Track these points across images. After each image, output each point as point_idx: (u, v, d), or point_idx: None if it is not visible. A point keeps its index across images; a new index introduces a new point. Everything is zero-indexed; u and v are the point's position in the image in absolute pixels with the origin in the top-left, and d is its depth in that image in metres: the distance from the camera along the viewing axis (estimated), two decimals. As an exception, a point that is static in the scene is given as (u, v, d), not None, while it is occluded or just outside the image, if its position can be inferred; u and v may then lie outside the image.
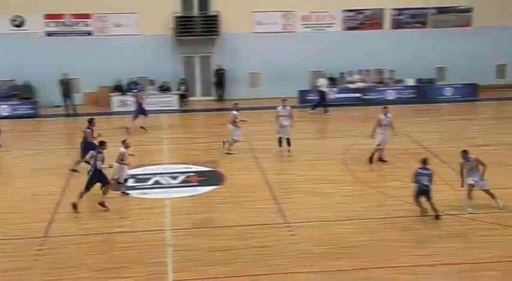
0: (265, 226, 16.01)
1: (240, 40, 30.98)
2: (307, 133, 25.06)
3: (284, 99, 22.19)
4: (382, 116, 20.67)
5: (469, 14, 31.79)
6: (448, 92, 31.02)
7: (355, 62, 30.92)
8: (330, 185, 18.99)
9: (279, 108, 22.13)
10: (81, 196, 16.83)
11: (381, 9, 31.73)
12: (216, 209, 17.27)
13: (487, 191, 16.62)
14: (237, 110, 22.33)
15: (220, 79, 31.38)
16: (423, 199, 16.12)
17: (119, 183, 18.00)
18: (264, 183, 19.29)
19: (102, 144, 17.25)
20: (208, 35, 30.72)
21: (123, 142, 18.21)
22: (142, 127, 25.49)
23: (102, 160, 16.82)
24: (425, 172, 16.03)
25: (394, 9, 31.68)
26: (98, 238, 15.41)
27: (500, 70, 32.54)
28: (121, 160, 17.76)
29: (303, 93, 30.58)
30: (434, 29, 31.85)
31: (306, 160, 21.67)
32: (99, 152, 16.94)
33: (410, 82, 31.38)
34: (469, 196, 16.54)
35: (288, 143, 21.99)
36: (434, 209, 16.11)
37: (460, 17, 31.87)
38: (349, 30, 31.72)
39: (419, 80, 31.51)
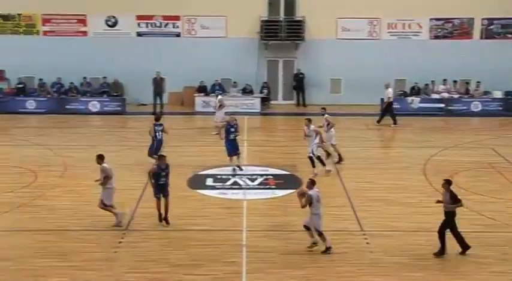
0: (341, 232, 16.03)
1: (324, 46, 30.98)
2: (381, 142, 24.73)
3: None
4: (305, 128, 20.55)
5: None
6: (539, 106, 29.95)
7: (440, 71, 30.34)
8: (407, 195, 18.82)
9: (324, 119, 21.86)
10: None
11: (471, 19, 31.01)
12: (292, 213, 17.26)
13: None
14: None
15: (299, 84, 31.46)
16: None
17: None
18: (341, 190, 19.29)
19: None
20: (293, 40, 30.92)
21: None
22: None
23: None
24: None
25: (485, 18, 30.88)
26: (177, 235, 15.84)
27: None
28: None
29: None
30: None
31: (385, 169, 21.53)
32: None
33: (498, 94, 30.50)
34: None
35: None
36: None
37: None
38: (437, 39, 31.16)
39: (508, 93, 30.57)
